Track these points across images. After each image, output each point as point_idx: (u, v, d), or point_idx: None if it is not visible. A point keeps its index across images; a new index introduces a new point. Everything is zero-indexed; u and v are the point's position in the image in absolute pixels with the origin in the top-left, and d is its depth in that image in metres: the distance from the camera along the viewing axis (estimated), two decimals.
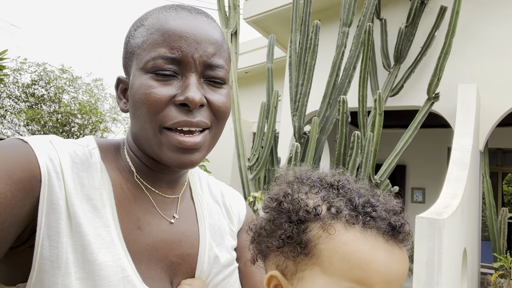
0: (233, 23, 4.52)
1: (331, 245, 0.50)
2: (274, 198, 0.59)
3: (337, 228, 0.50)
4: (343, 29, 4.48)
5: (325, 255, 0.50)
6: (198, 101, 0.61)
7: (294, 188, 0.58)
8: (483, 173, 5.32)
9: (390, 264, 0.49)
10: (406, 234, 0.52)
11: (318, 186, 0.57)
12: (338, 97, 4.23)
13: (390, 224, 0.51)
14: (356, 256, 0.48)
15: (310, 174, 0.60)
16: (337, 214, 0.51)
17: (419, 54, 5.31)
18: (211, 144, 0.68)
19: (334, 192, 0.55)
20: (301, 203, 0.54)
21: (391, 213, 0.53)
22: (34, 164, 0.55)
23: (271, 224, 0.57)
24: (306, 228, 0.52)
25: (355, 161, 3.84)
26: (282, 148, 5.71)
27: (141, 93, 0.61)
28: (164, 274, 0.66)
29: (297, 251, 0.52)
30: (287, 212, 0.55)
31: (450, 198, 3.54)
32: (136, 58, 0.64)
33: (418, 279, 2.92)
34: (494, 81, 4.98)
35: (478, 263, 5.12)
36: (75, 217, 0.56)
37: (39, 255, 0.53)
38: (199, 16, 0.66)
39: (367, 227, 0.50)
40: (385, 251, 0.49)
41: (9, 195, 0.51)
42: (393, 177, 8.04)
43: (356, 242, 0.49)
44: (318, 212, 0.52)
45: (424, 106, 4.83)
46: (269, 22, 6.65)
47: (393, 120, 7.19)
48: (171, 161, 0.63)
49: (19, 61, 9.15)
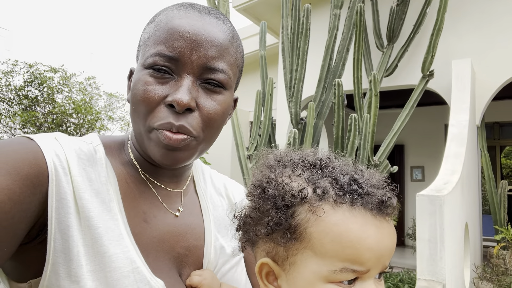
0: (222, 11, 4.47)
1: (321, 227, 0.49)
2: (257, 184, 0.57)
3: (325, 209, 0.50)
4: (335, 11, 4.44)
5: (316, 237, 0.49)
6: (185, 103, 0.60)
7: (277, 173, 0.56)
8: (481, 147, 5.35)
9: (380, 239, 0.49)
10: (393, 207, 0.52)
11: (300, 167, 0.56)
12: (333, 80, 4.22)
13: (377, 199, 0.51)
14: (347, 235, 0.48)
15: (291, 156, 0.59)
16: (324, 195, 0.50)
17: (411, 32, 5.28)
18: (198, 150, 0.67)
19: (318, 172, 0.54)
20: (286, 187, 0.53)
21: (377, 188, 0.52)
22: (41, 160, 0.55)
23: (257, 211, 0.56)
24: (293, 213, 0.52)
25: (353, 143, 3.85)
26: (280, 136, 5.72)
27: (137, 87, 0.62)
28: (172, 266, 0.67)
29: (287, 236, 0.51)
30: (273, 198, 0.54)
31: (449, 174, 3.56)
32: (141, 53, 0.66)
33: (421, 255, 2.96)
34: (488, 55, 4.97)
35: (480, 237, 5.19)
36: (83, 211, 0.57)
37: (52, 248, 0.54)
38: (208, 17, 0.65)
39: (355, 205, 0.50)
40: (375, 226, 0.50)
41: (18, 191, 0.51)
42: (392, 157, 8.06)
43: (346, 221, 0.49)
44: (304, 195, 0.51)
45: (419, 84, 4.82)
46: (260, 8, 6.59)
47: (389, 101, 7.19)
48: (157, 156, 0.64)
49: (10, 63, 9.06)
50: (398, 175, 8.43)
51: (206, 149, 0.69)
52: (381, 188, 0.53)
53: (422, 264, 2.90)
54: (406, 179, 8.61)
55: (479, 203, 5.13)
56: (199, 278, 0.68)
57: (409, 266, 5.82)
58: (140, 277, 0.59)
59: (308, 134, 4.03)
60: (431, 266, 2.84)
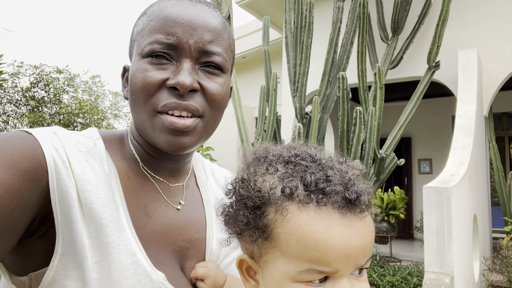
0: (225, 7, 4.46)
1: (286, 228, 0.49)
2: (233, 183, 0.58)
3: (291, 210, 0.49)
4: (338, 4, 4.40)
5: (282, 238, 0.49)
6: (188, 85, 0.61)
7: (251, 171, 0.56)
8: (489, 138, 5.28)
9: (347, 239, 0.48)
10: (363, 204, 0.51)
11: (274, 165, 0.55)
12: (337, 74, 4.19)
13: (345, 197, 0.49)
14: (310, 237, 0.47)
15: (268, 152, 0.58)
16: (291, 195, 0.50)
17: (416, 23, 5.22)
18: (204, 132, 0.67)
19: (291, 170, 0.53)
20: (255, 187, 0.53)
21: (347, 185, 0.50)
22: (39, 154, 0.55)
23: (232, 210, 0.57)
24: (263, 213, 0.52)
25: (359, 137, 3.83)
26: (285, 131, 5.71)
27: (136, 76, 0.63)
28: (174, 259, 0.67)
29: (256, 235, 0.52)
30: (243, 199, 0.54)
31: (456, 166, 3.53)
32: (136, 45, 0.66)
33: (429, 248, 2.94)
34: (494, 45, 4.90)
35: (489, 228, 5.14)
36: (86, 203, 0.57)
37: (61, 239, 0.55)
38: (199, 5, 0.67)
39: (321, 204, 0.49)
40: (341, 226, 0.48)
41: (17, 185, 0.52)
42: (399, 150, 8.02)
43: (310, 222, 0.48)
44: (272, 195, 0.51)
45: (425, 76, 4.77)
46: (262, 3, 6.56)
47: (395, 93, 7.13)
48: (162, 143, 0.64)
49: (16, 65, 9.13)
50: (405, 168, 8.38)
51: (209, 134, 0.69)
52: (353, 185, 0.51)
53: (430, 257, 2.88)
54: (414, 171, 8.55)
55: (488, 195, 5.08)
56: (204, 269, 0.68)
57: (417, 259, 5.79)
58: (141, 270, 0.59)
59: (313, 128, 4.01)
60: (439, 258, 2.82)
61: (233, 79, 4.46)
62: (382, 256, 5.78)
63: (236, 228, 0.56)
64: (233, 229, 0.57)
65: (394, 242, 6.86)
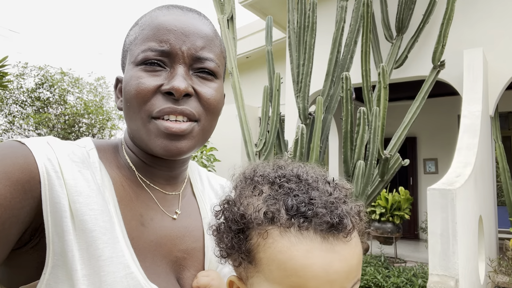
0: (228, 8, 4.45)
1: (268, 254, 0.49)
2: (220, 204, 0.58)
3: (273, 235, 0.49)
4: (341, 3, 4.37)
5: (264, 263, 0.49)
6: (183, 89, 0.61)
7: (236, 193, 0.57)
8: (495, 138, 5.23)
9: (328, 264, 0.47)
10: (346, 228, 0.49)
11: (259, 187, 0.54)
12: (341, 74, 4.17)
13: (326, 221, 0.48)
14: (290, 263, 0.47)
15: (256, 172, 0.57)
16: (273, 218, 0.49)
17: (421, 22, 5.17)
18: (200, 137, 0.67)
19: (274, 192, 0.52)
20: (240, 211, 0.53)
21: (330, 208, 0.49)
22: (32, 165, 0.55)
23: (219, 232, 0.57)
24: (247, 237, 0.51)
25: (362, 137, 3.80)
26: (289, 131, 5.69)
27: (130, 84, 0.63)
28: (170, 270, 0.66)
29: (240, 259, 0.52)
30: (228, 222, 0.54)
31: (462, 167, 3.49)
32: (129, 54, 0.67)
33: (433, 250, 2.91)
34: (500, 44, 4.85)
35: (495, 229, 5.09)
36: (77, 214, 0.56)
37: (52, 252, 0.54)
38: (190, 13, 0.68)
39: (302, 229, 0.47)
40: (323, 251, 0.47)
41: (9, 196, 0.51)
42: (404, 150, 7.97)
43: (290, 248, 0.47)
44: (255, 219, 0.50)
45: (430, 75, 4.73)
46: (265, 3, 6.54)
47: (400, 93, 7.09)
48: (158, 148, 0.63)
49: (21, 66, 9.20)
50: (411, 168, 8.32)
51: (205, 139, 0.69)
52: (336, 208, 0.50)
53: (434, 259, 2.85)
54: (419, 172, 8.50)
55: (494, 195, 5.02)
56: (207, 278, 0.67)
57: (423, 260, 5.75)
58: (134, 282, 0.58)
59: (317, 129, 3.99)
60: (444, 261, 2.79)
61: (235, 79, 4.45)
62: (387, 257, 5.75)
63: (223, 252, 0.55)
64: (221, 253, 0.57)
65: (399, 242, 6.83)
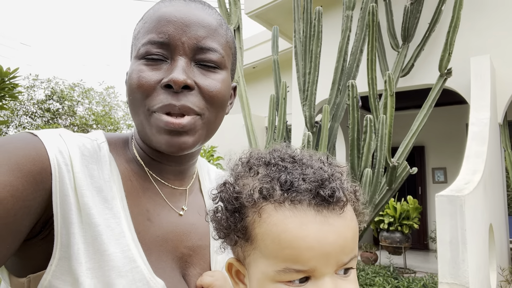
0: (234, 18, 4.50)
1: (263, 229, 0.50)
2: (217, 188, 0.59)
3: (268, 210, 0.50)
4: (347, 12, 4.41)
5: (260, 239, 0.50)
6: (181, 81, 0.60)
7: (233, 175, 0.57)
8: (504, 146, 5.17)
9: (322, 236, 0.47)
10: (339, 201, 0.50)
11: (255, 168, 0.55)
12: (347, 82, 4.17)
13: (318, 194, 0.49)
14: (284, 236, 0.47)
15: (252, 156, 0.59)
16: (268, 195, 0.50)
17: (427, 31, 5.18)
18: (204, 131, 0.66)
19: (270, 171, 0.53)
20: (235, 191, 0.54)
21: (322, 182, 0.50)
22: (44, 156, 0.55)
23: (217, 214, 0.57)
24: (242, 215, 0.52)
25: (369, 145, 3.79)
26: (295, 140, 5.69)
27: (132, 77, 0.63)
28: (175, 266, 0.66)
29: (236, 238, 0.53)
30: (224, 202, 0.55)
31: (470, 174, 3.45)
32: (133, 48, 0.67)
33: (443, 258, 2.86)
34: (507, 51, 4.83)
35: (507, 239, 4.99)
36: (85, 208, 0.57)
37: (59, 243, 0.54)
38: (193, 3, 0.66)
39: (295, 202, 0.49)
40: (316, 223, 0.48)
41: (21, 187, 0.51)
42: (412, 158, 7.90)
43: (284, 221, 0.48)
44: (250, 197, 0.51)
45: (437, 83, 4.71)
46: (271, 14, 6.61)
47: (407, 101, 7.06)
48: (159, 144, 0.63)
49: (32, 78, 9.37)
50: (419, 177, 8.23)
51: (210, 133, 0.68)
52: (327, 182, 0.50)
53: (443, 267, 2.81)
54: (427, 181, 8.40)
55: (504, 204, 4.94)
56: (211, 278, 0.67)
57: (433, 270, 5.64)
58: (139, 276, 0.58)
59: (324, 137, 3.99)
60: (453, 269, 2.74)
61: (242, 89, 4.48)
62: (396, 267, 5.66)
63: (220, 233, 0.56)
64: (219, 234, 0.57)
65: (408, 253, 6.72)
